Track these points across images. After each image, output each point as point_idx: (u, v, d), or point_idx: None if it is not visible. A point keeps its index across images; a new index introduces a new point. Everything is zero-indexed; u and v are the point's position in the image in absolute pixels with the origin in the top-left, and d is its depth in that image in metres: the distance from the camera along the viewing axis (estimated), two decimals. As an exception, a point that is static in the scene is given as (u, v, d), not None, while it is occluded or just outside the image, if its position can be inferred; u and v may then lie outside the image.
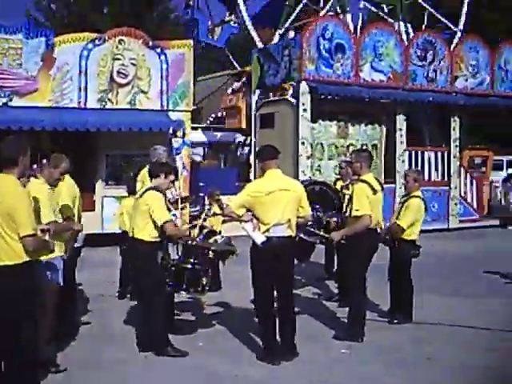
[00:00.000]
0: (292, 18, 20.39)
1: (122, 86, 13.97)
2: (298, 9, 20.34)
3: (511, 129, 23.59)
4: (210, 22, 19.89)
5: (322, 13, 19.39)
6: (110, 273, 9.40)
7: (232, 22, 20.02)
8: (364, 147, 14.80)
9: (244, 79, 19.02)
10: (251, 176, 16.76)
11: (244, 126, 18.57)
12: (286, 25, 19.87)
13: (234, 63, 21.07)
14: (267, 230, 5.86)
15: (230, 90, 19.99)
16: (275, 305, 6.02)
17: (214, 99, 23.73)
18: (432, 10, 21.24)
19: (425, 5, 21.16)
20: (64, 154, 6.51)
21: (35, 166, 6.13)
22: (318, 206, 7.57)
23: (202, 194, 12.01)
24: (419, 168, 15.20)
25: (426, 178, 16.20)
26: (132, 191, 9.14)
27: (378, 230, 6.95)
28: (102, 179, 13.96)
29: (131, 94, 14.03)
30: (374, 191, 6.76)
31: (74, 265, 6.76)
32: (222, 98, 19.94)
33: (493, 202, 17.77)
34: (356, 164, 6.97)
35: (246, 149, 18.93)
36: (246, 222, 5.97)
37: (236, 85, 19.62)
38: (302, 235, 6.70)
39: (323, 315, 7.59)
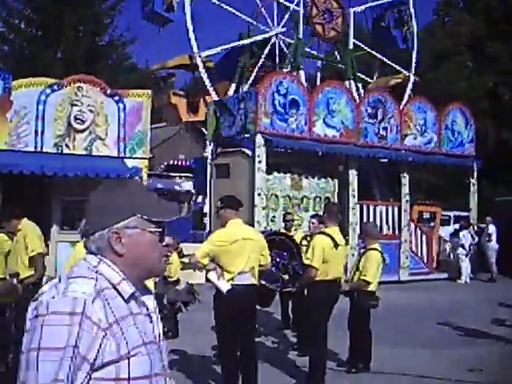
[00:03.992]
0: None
1: (79, 131, 13.97)
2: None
3: (454, 185, 24.51)
4: None
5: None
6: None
7: None
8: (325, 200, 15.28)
9: None
10: (206, 224, 16.82)
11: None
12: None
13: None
14: (232, 279, 5.95)
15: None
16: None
17: (166, 147, 23.90)
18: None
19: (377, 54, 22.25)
20: (19, 197, 6.54)
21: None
22: (285, 254, 7.79)
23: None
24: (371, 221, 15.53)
25: (378, 231, 16.55)
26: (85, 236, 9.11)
27: (340, 282, 7.14)
28: (57, 224, 13.79)
29: (88, 140, 14.03)
30: (336, 245, 6.94)
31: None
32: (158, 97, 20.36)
33: (441, 256, 18.29)
34: (324, 215, 7.26)
35: (200, 197, 19.05)
36: (210, 270, 6.06)
37: None
38: (262, 281, 6.82)
39: (283, 364, 7.66)
